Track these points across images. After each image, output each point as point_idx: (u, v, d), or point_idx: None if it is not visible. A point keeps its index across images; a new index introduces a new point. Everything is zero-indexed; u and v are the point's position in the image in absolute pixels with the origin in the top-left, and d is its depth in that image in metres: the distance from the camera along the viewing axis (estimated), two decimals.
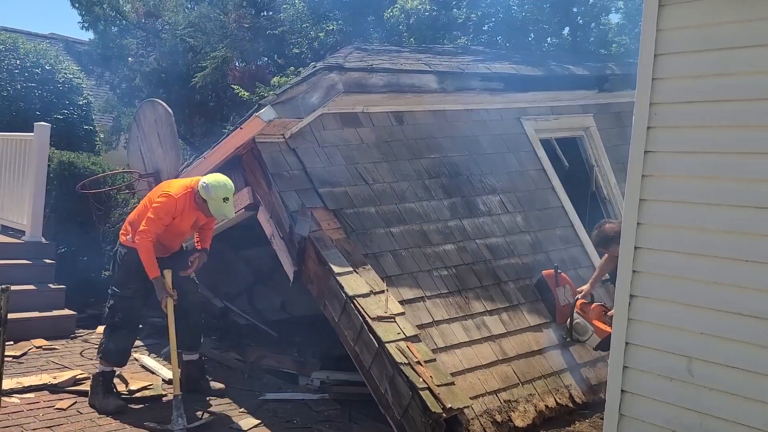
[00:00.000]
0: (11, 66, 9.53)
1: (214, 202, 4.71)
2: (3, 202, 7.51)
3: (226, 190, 4.73)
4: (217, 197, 4.70)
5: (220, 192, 4.71)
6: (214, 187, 4.71)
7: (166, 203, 4.77)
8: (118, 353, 4.84)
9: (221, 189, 4.71)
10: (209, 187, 4.70)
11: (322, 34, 10.60)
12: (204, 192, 4.71)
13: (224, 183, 4.76)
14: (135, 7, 12.72)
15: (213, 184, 4.72)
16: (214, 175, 4.88)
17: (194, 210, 4.83)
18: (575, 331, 5.29)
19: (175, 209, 4.78)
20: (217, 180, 4.77)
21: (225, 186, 4.75)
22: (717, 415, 3.14)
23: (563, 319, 5.38)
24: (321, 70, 5.20)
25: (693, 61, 3.24)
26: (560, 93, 6.84)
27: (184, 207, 4.81)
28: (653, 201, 3.37)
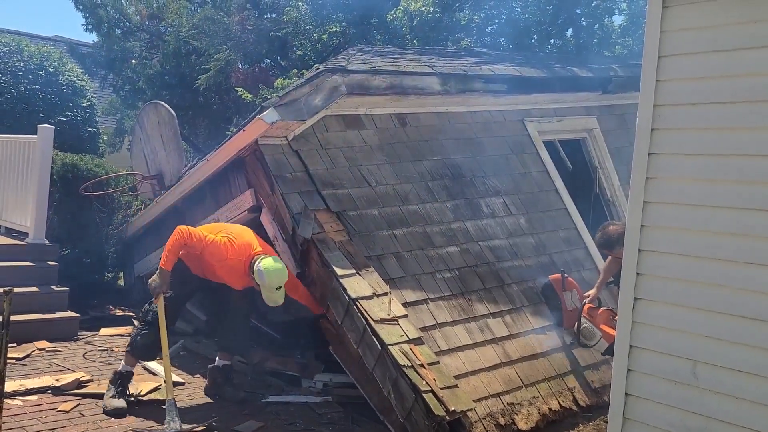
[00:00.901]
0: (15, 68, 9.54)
1: (266, 290, 4.59)
2: (6, 204, 7.52)
3: (279, 279, 4.56)
4: (270, 286, 4.57)
5: (275, 282, 4.56)
6: (269, 275, 4.53)
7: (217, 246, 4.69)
8: (144, 348, 4.85)
9: (276, 279, 4.55)
10: (263, 275, 4.54)
11: (325, 36, 10.60)
12: (258, 277, 4.58)
13: (280, 271, 4.57)
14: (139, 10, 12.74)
15: (268, 272, 4.53)
16: (272, 261, 4.62)
17: (246, 276, 4.70)
18: (583, 336, 5.23)
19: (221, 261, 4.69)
20: (273, 268, 4.56)
21: (280, 276, 4.56)
22: (722, 418, 3.12)
23: (570, 324, 5.32)
24: (324, 72, 5.20)
25: (697, 62, 3.23)
26: (563, 95, 6.83)
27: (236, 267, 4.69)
28: (657, 203, 3.35)
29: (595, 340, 5.21)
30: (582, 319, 5.21)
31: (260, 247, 4.77)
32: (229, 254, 4.70)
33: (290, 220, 4.98)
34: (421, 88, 5.76)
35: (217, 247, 4.72)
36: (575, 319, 5.26)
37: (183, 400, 5.08)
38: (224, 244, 4.72)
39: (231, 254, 4.70)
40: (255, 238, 4.88)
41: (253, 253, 4.69)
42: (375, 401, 4.70)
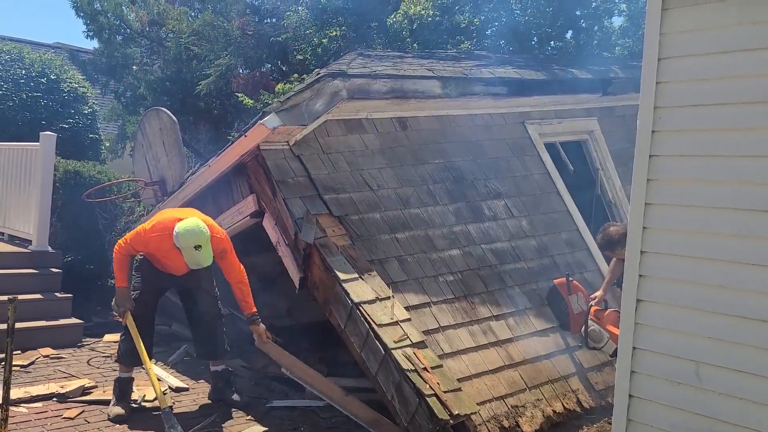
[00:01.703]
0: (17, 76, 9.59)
1: (186, 251, 4.53)
2: (9, 212, 7.55)
3: (196, 237, 4.48)
4: (188, 246, 4.50)
5: (190, 240, 4.49)
6: (183, 235, 4.49)
7: (136, 234, 4.78)
8: (127, 354, 4.88)
9: (190, 237, 4.48)
10: (178, 236, 4.50)
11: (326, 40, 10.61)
12: (175, 241, 4.54)
13: (193, 229, 4.49)
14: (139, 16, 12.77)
15: (182, 232, 4.48)
16: (188, 221, 4.59)
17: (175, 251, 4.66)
18: (591, 338, 5.17)
19: (146, 245, 4.72)
20: (186, 227, 4.50)
21: (195, 233, 4.48)
22: (725, 419, 3.12)
23: (578, 328, 5.27)
24: (325, 77, 5.21)
25: (697, 64, 3.24)
26: (564, 97, 6.84)
27: (165, 246, 4.65)
28: (659, 205, 3.36)
29: (603, 342, 5.16)
30: (589, 322, 5.18)
31: (184, 216, 4.71)
32: (148, 235, 4.68)
33: (292, 224, 4.98)
34: (421, 92, 5.76)
35: (137, 236, 4.74)
36: (582, 323, 5.22)
37: (187, 406, 5.10)
38: (142, 229, 4.74)
39: (149, 234, 4.67)
40: (183, 212, 4.82)
41: (171, 223, 4.63)
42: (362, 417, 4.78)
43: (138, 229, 4.83)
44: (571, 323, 5.35)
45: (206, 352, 5.19)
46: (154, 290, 5.04)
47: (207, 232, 4.61)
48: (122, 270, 4.80)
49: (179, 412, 4.87)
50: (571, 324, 5.35)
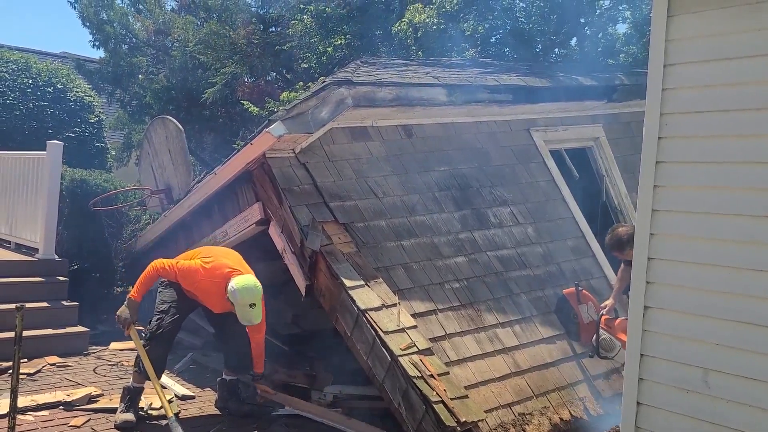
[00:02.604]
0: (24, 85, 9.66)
1: (240, 307, 4.62)
2: (17, 220, 7.58)
3: (252, 295, 4.60)
4: (243, 303, 4.60)
5: (247, 298, 4.59)
6: (241, 292, 4.58)
7: (189, 270, 4.80)
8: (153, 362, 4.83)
9: (248, 295, 4.59)
10: (236, 292, 4.58)
11: (330, 48, 10.66)
12: (231, 296, 4.61)
13: (251, 287, 4.61)
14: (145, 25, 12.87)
15: (240, 289, 4.58)
16: (245, 278, 4.68)
17: (225, 299, 4.71)
18: (602, 348, 5.10)
19: (194, 283, 4.77)
20: (245, 285, 4.61)
21: (252, 291, 4.60)
22: (734, 426, 3.10)
23: (588, 338, 5.22)
24: (330, 85, 5.22)
25: (703, 71, 3.23)
26: (569, 104, 6.84)
27: (211, 289, 4.74)
28: (665, 211, 3.35)
29: (615, 350, 5.08)
30: (600, 331, 5.14)
31: (238, 267, 4.80)
32: (200, 276, 4.76)
33: (298, 232, 4.99)
34: (426, 100, 5.78)
35: (189, 272, 4.81)
36: (593, 332, 5.17)
37: (193, 414, 5.09)
38: (195, 268, 4.79)
39: (202, 276, 4.76)
40: (235, 260, 4.91)
41: (227, 273, 4.72)
42: None
43: (190, 266, 4.80)
44: (581, 333, 5.31)
45: (238, 364, 5.15)
46: (188, 308, 5.04)
47: (261, 291, 4.70)
48: (146, 286, 4.85)
49: (184, 419, 4.87)
50: (582, 334, 5.31)
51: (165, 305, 4.92)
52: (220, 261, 4.84)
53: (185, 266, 4.84)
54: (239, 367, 5.18)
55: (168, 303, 4.93)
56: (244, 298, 4.60)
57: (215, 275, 4.74)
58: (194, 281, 4.79)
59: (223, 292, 4.69)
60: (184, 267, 4.84)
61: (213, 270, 4.77)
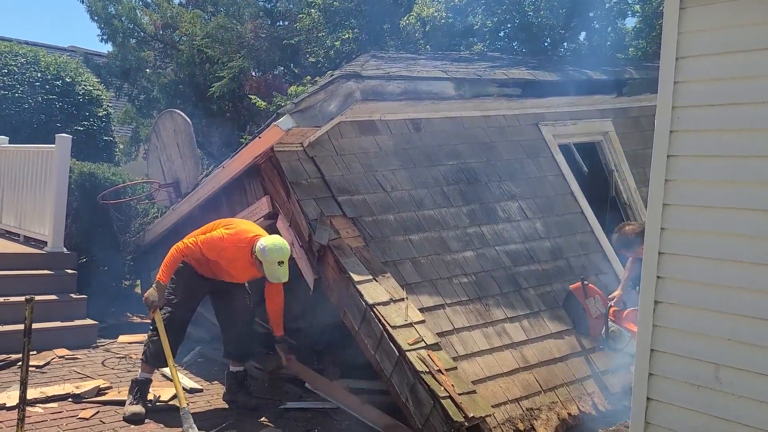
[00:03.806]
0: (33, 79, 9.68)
1: (269, 264, 4.69)
2: (26, 214, 7.60)
3: (281, 253, 4.69)
4: (272, 260, 4.67)
5: (276, 255, 4.67)
6: (271, 250, 4.66)
7: (213, 240, 4.82)
8: (157, 354, 4.89)
9: (277, 252, 4.67)
10: (266, 250, 4.66)
11: (338, 42, 10.63)
12: (260, 254, 4.68)
13: (281, 246, 4.70)
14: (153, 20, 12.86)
15: (270, 247, 4.67)
16: (274, 237, 4.80)
17: (251, 265, 4.79)
18: (612, 339, 5.11)
19: (220, 252, 4.79)
20: (274, 243, 4.70)
21: (281, 250, 4.69)
22: (746, 423, 3.08)
23: (597, 331, 5.22)
24: (338, 79, 5.21)
25: (715, 63, 3.20)
26: (578, 98, 6.80)
27: (236, 256, 4.79)
28: (677, 206, 3.32)
29: (625, 341, 5.07)
30: (609, 323, 5.12)
31: (260, 232, 4.88)
32: (225, 243, 4.79)
33: (306, 226, 4.99)
34: (435, 93, 5.76)
35: (213, 241, 4.82)
36: (602, 326, 5.16)
37: (201, 407, 5.10)
38: (219, 237, 4.82)
39: (228, 243, 4.79)
40: (255, 226, 5.01)
41: (252, 238, 4.79)
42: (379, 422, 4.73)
43: (214, 236, 4.83)
44: (590, 327, 5.30)
45: (237, 352, 5.18)
46: (196, 296, 5.07)
47: (289, 250, 4.79)
48: (171, 268, 4.87)
49: (193, 413, 4.87)
50: (591, 328, 5.29)
51: (175, 296, 4.93)
52: (241, 227, 4.91)
53: (208, 238, 4.85)
54: (237, 356, 5.19)
55: (179, 294, 4.94)
56: (273, 256, 4.66)
57: (240, 240, 4.78)
58: (220, 250, 4.80)
59: (249, 256, 4.75)
60: (207, 239, 4.84)
61: (237, 235, 4.81)
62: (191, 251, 4.86)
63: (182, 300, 4.95)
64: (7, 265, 6.74)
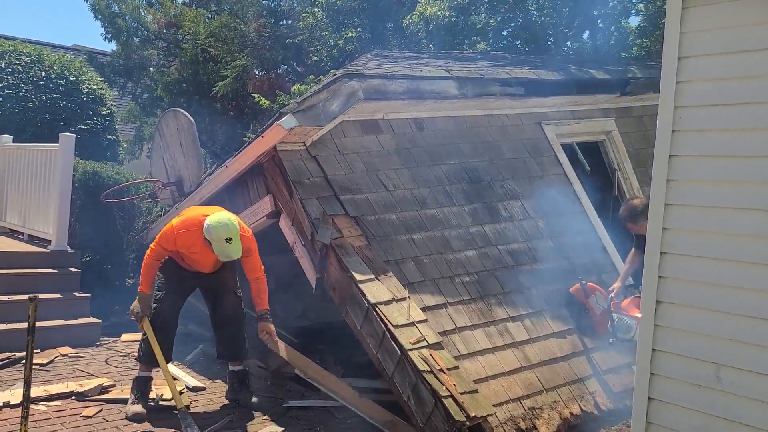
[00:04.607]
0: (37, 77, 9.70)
1: (216, 243, 4.55)
2: (29, 212, 7.63)
3: (227, 230, 4.52)
4: (219, 238, 4.52)
5: (222, 233, 4.51)
6: (215, 227, 4.52)
7: (164, 233, 4.80)
8: (147, 355, 4.91)
9: (222, 229, 4.51)
10: (210, 228, 4.53)
11: (341, 41, 10.64)
12: (206, 233, 4.56)
13: (225, 222, 4.53)
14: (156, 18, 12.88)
15: (213, 224, 4.51)
16: (218, 214, 4.65)
17: (209, 249, 4.67)
18: (619, 330, 5.06)
19: (174, 242, 4.72)
20: (218, 220, 4.54)
21: (227, 226, 4.52)
22: (747, 422, 3.08)
23: (604, 326, 5.19)
24: (341, 78, 5.21)
25: (718, 63, 3.20)
26: (581, 97, 6.80)
27: (191, 242, 4.68)
28: (679, 206, 3.32)
29: (633, 330, 4.95)
30: (613, 315, 5.11)
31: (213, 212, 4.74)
32: (176, 231, 4.70)
33: (309, 225, 4.99)
34: (438, 93, 5.76)
35: (166, 234, 4.76)
36: (607, 320, 5.17)
37: (204, 405, 5.12)
38: (170, 227, 4.76)
39: (178, 231, 4.70)
40: (211, 208, 4.86)
41: (202, 219, 4.64)
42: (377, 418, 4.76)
43: (165, 228, 4.82)
44: (596, 324, 5.29)
45: (229, 353, 5.18)
46: (180, 291, 5.05)
47: (237, 225, 4.66)
48: (148, 276, 4.83)
49: (196, 412, 4.90)
50: (597, 325, 5.29)
51: (159, 293, 4.93)
52: (192, 212, 4.84)
53: (162, 233, 4.81)
54: (228, 356, 5.19)
55: (162, 291, 4.94)
56: (219, 233, 4.50)
57: (190, 224, 4.67)
58: (174, 240, 4.71)
59: (203, 239, 4.62)
60: (161, 234, 4.80)
61: (186, 221, 4.72)
62: (156, 253, 4.82)
63: (167, 295, 4.94)
64: (11, 263, 6.77)
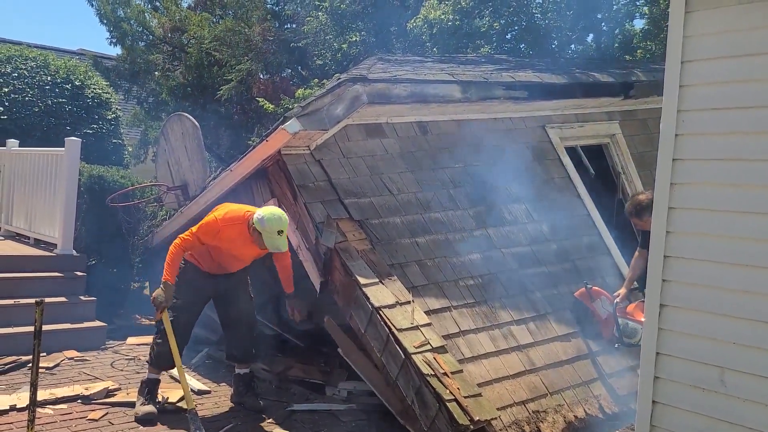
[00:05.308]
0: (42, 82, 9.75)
1: (268, 234, 4.67)
2: (35, 216, 7.67)
3: (280, 223, 4.68)
4: (271, 230, 4.66)
5: (275, 225, 4.66)
6: (269, 220, 4.66)
7: (207, 224, 4.83)
8: (161, 357, 4.92)
9: (276, 222, 4.66)
10: (264, 220, 4.66)
11: (345, 45, 10.67)
12: (258, 224, 4.67)
13: (279, 216, 4.69)
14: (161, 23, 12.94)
15: (268, 216, 4.67)
16: (270, 207, 4.83)
17: (251, 242, 4.78)
18: (626, 335, 5.04)
19: (216, 235, 4.79)
20: (272, 213, 4.71)
21: (280, 219, 4.68)
22: (751, 426, 3.08)
23: (609, 332, 5.18)
24: (345, 82, 5.23)
25: (721, 67, 3.20)
26: (585, 100, 6.80)
27: (233, 235, 4.78)
28: (682, 209, 3.32)
29: (638, 335, 4.93)
30: (619, 320, 5.11)
31: (252, 208, 4.88)
32: (221, 225, 4.78)
33: (313, 229, 5.01)
34: (441, 96, 5.76)
35: (208, 226, 4.81)
36: (612, 325, 5.16)
37: (209, 409, 5.13)
38: (213, 220, 4.83)
39: (222, 224, 4.78)
40: (244, 205, 5.01)
41: (245, 213, 4.80)
42: (396, 408, 4.70)
43: (208, 221, 4.84)
44: (602, 329, 5.28)
45: (241, 354, 5.19)
46: (200, 298, 5.08)
47: (287, 219, 4.79)
48: (174, 265, 4.82)
49: (201, 416, 4.90)
50: (603, 329, 5.27)
51: (178, 299, 4.91)
52: (231, 207, 4.95)
53: (202, 224, 4.83)
54: (241, 359, 5.20)
55: (182, 297, 4.93)
56: (272, 225, 4.65)
57: (234, 218, 4.79)
58: (216, 233, 4.79)
59: (247, 233, 4.74)
60: (201, 225, 4.83)
61: (229, 214, 4.83)
62: (190, 243, 4.83)
63: (186, 303, 4.95)
64: (18, 267, 6.80)
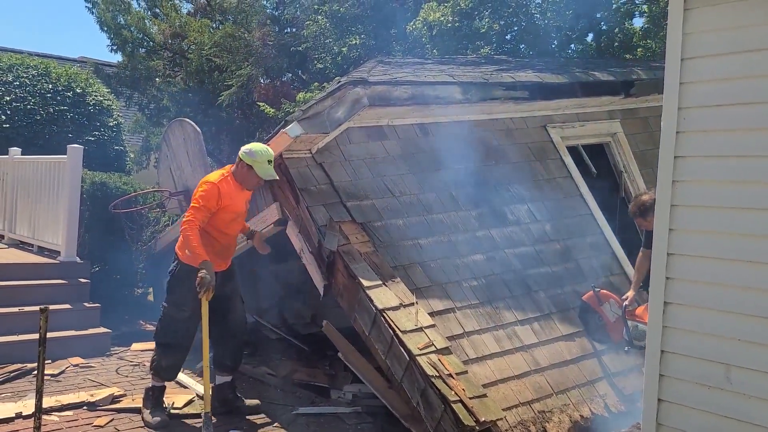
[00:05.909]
0: (44, 90, 9.78)
1: (259, 164, 4.79)
2: (39, 224, 7.68)
3: (268, 152, 4.84)
4: (262, 159, 4.79)
5: (264, 155, 4.81)
6: (258, 151, 4.81)
7: (207, 190, 4.77)
8: (169, 369, 4.91)
9: (264, 152, 4.82)
10: (253, 152, 4.80)
11: (345, 48, 10.68)
12: (249, 157, 4.79)
13: (265, 147, 4.89)
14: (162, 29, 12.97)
15: (256, 149, 4.83)
16: (252, 143, 4.96)
17: (240, 189, 4.89)
18: (635, 338, 5.03)
19: (219, 194, 4.78)
20: (257, 145, 4.89)
21: (267, 149, 4.87)
22: (757, 422, 3.07)
23: (619, 335, 5.17)
24: (346, 85, 5.24)
25: (721, 64, 3.20)
26: (586, 99, 6.80)
27: (229, 190, 4.85)
28: (684, 207, 3.32)
29: None
30: (629, 323, 5.10)
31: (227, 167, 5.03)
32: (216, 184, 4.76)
33: (316, 232, 5.01)
34: (442, 98, 5.77)
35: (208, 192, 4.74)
36: (622, 328, 5.15)
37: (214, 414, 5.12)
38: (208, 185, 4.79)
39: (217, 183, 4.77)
40: None
41: (225, 168, 4.97)
42: (400, 410, 4.70)
43: (204, 189, 4.78)
44: (610, 333, 5.25)
45: (232, 364, 5.15)
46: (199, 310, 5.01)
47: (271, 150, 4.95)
48: (200, 243, 4.65)
49: None
50: (611, 333, 5.24)
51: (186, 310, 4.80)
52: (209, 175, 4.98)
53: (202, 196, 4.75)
54: (233, 368, 5.16)
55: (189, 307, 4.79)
56: (262, 155, 4.78)
57: (221, 175, 4.86)
58: (217, 194, 4.76)
59: (235, 183, 4.85)
60: (203, 197, 4.75)
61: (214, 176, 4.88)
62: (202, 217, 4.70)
63: (193, 311, 4.78)
64: (22, 275, 6.82)
